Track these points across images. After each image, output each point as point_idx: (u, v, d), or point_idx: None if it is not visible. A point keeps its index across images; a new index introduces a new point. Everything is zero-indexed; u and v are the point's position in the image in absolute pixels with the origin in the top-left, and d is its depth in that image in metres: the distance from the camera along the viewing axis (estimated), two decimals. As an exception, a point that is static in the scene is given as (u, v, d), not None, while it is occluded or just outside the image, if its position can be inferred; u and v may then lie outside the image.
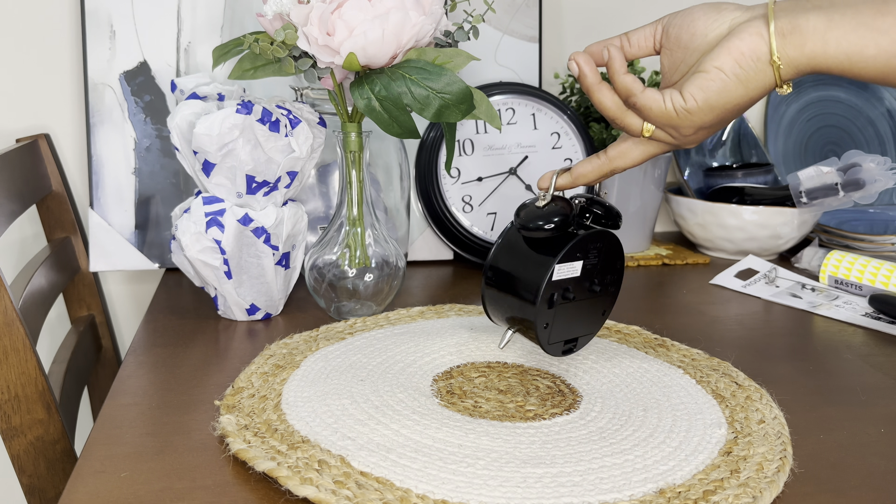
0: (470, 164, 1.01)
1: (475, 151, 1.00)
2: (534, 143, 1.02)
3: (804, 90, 1.31)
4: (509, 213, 1.02)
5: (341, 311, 0.81)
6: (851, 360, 0.74)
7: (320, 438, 0.54)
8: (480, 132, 1.01)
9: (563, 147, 1.03)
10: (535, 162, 1.02)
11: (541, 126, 1.03)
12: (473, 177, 1.00)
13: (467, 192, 1.00)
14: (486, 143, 1.01)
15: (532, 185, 1.02)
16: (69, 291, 1.06)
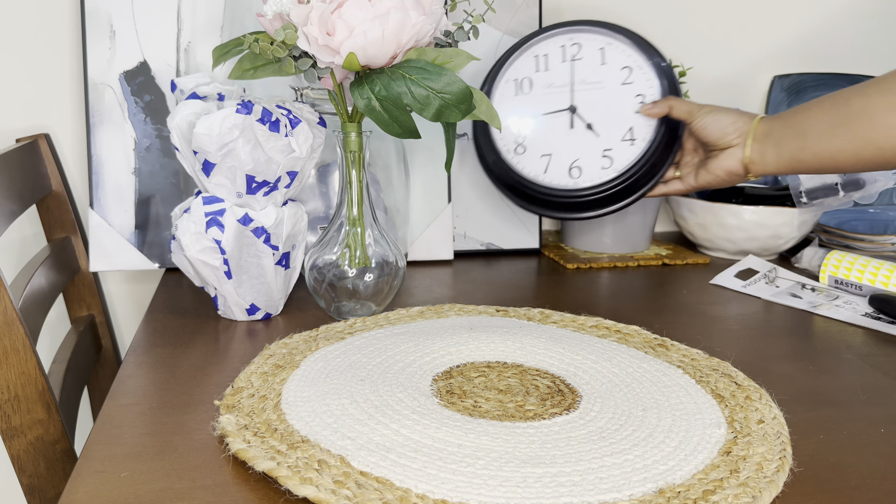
0: (526, 103, 0.95)
1: (533, 89, 0.95)
2: (600, 80, 0.95)
3: (804, 90, 1.31)
4: (568, 156, 0.95)
5: (341, 311, 0.82)
6: (851, 360, 0.74)
7: (320, 438, 0.54)
8: (541, 69, 0.95)
9: (634, 83, 0.94)
10: (601, 99, 0.94)
11: (609, 61, 0.95)
12: (528, 116, 0.95)
13: (522, 132, 0.95)
14: (545, 80, 0.96)
15: (594, 123, 0.93)
16: (69, 291, 1.06)
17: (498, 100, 0.91)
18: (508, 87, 0.90)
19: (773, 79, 1.30)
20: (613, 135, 0.87)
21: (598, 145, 0.86)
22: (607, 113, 0.90)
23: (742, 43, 1.28)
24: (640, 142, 0.88)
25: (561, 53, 0.92)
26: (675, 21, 1.24)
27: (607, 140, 0.86)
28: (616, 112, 0.91)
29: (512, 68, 0.90)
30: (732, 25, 1.27)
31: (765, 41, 1.29)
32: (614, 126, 0.89)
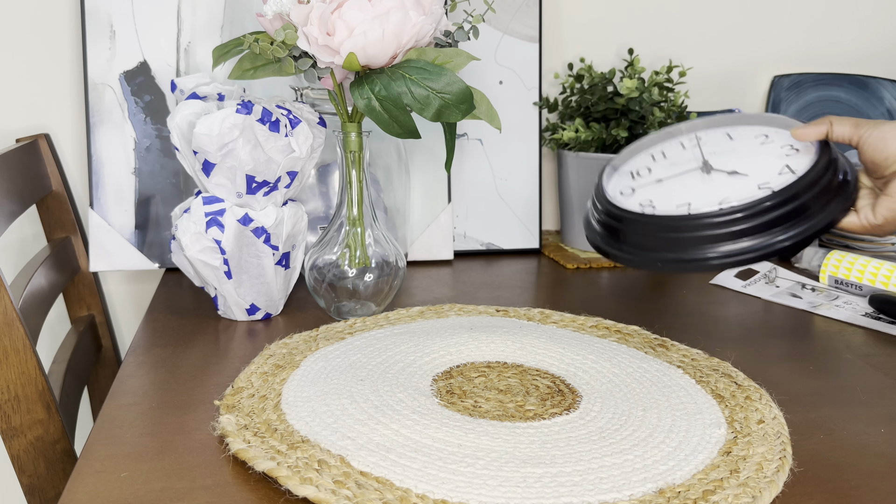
0: (645, 181, 0.77)
1: (652, 173, 0.77)
2: (734, 148, 0.79)
3: (804, 90, 1.31)
4: (710, 197, 0.74)
5: (341, 311, 0.81)
6: (851, 360, 0.74)
7: (320, 438, 0.54)
8: (658, 160, 0.80)
9: (774, 141, 0.78)
10: (739, 155, 0.78)
11: (738, 136, 0.81)
12: (650, 186, 0.76)
13: (647, 197, 0.75)
14: (667, 163, 0.78)
15: (738, 169, 0.76)
16: (69, 291, 1.06)
17: (612, 186, 0.76)
18: (623, 178, 0.77)
19: (773, 79, 1.30)
20: (766, 172, 0.71)
21: (746, 184, 0.71)
22: (752, 160, 0.74)
23: (742, 43, 1.28)
24: (798, 167, 0.71)
25: (680, 148, 0.80)
26: (675, 21, 1.24)
27: (759, 177, 0.71)
28: (762, 159, 0.74)
29: (626, 165, 0.79)
30: (733, 25, 1.27)
31: (765, 41, 1.29)
32: (764, 166, 0.72)
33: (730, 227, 0.67)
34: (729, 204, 0.68)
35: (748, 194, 0.69)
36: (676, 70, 1.18)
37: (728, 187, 0.71)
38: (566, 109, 1.13)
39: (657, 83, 1.08)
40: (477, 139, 1.10)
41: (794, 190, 0.68)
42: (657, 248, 0.70)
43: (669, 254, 0.69)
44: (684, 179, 0.74)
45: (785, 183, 0.69)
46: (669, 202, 0.71)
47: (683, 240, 0.68)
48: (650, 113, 1.05)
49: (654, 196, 0.73)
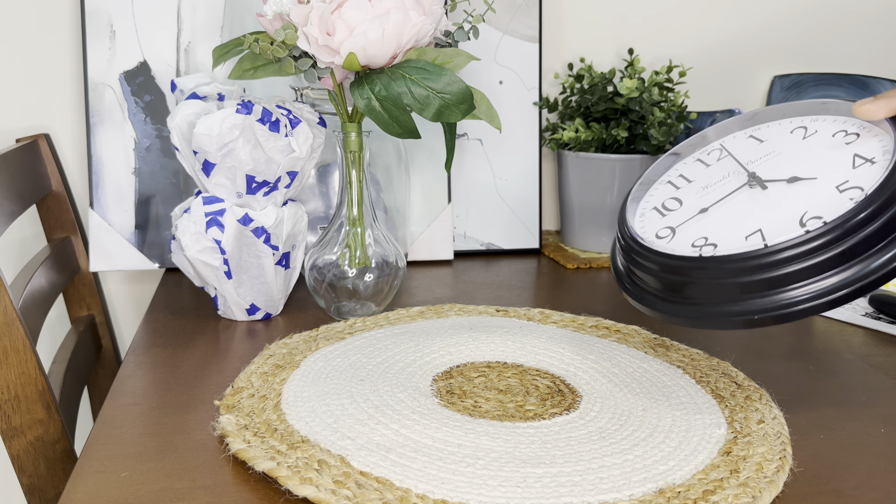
0: (682, 214, 0.62)
1: (684, 204, 0.63)
2: (773, 149, 0.64)
3: (804, 90, 1.31)
4: (788, 215, 0.57)
5: (341, 311, 0.81)
6: (851, 360, 0.74)
7: (320, 438, 0.54)
8: (683, 186, 0.65)
9: (818, 132, 0.63)
10: (787, 157, 0.62)
11: (770, 137, 0.66)
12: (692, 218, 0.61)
13: (700, 233, 0.59)
14: (696, 188, 0.65)
15: (799, 173, 0.59)
16: (69, 291, 1.06)
17: (643, 229, 0.61)
18: (650, 217, 0.62)
19: (773, 79, 1.29)
20: (836, 169, 0.56)
21: (820, 190, 0.55)
22: (807, 159, 0.59)
23: (742, 43, 1.28)
24: (889, 154, 0.54)
25: (701, 165, 0.65)
26: (675, 21, 1.24)
27: (832, 178, 0.55)
28: (819, 155, 0.59)
29: (643, 202, 0.64)
30: (733, 25, 1.27)
31: (765, 41, 1.29)
32: (828, 163, 0.57)
33: (829, 249, 0.50)
34: (817, 219, 0.51)
35: (833, 202, 0.52)
36: (676, 70, 1.18)
37: (798, 199, 0.55)
38: (566, 109, 1.13)
39: (657, 83, 1.08)
40: (477, 139, 1.10)
41: (892, 186, 0.51)
42: (737, 299, 0.53)
43: (757, 300, 0.52)
44: (733, 203, 0.58)
45: (880, 175, 0.52)
46: (733, 236, 0.55)
47: (772, 280, 0.52)
48: (650, 113, 1.05)
49: (708, 232, 0.57)
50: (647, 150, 1.05)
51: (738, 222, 0.56)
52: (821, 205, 0.53)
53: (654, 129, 1.04)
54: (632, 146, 1.07)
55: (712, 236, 0.56)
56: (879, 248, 0.51)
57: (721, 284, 0.53)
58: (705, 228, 0.57)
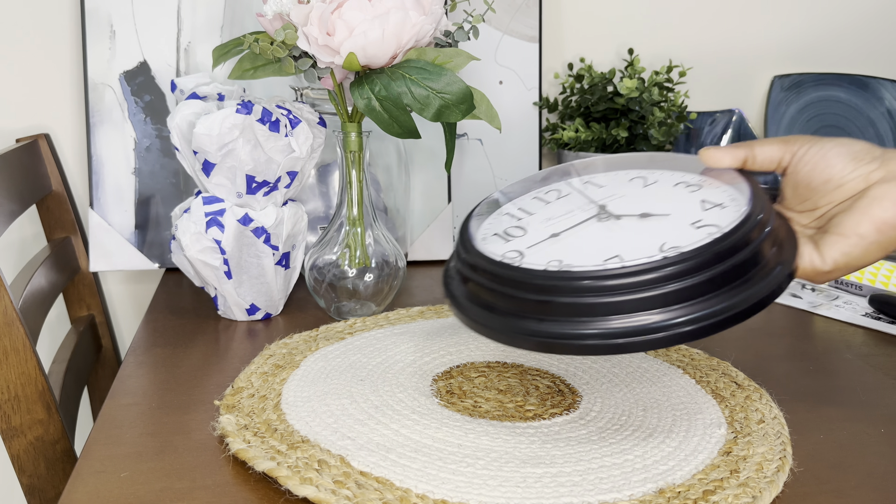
0: (529, 239, 0.58)
1: (529, 229, 0.59)
2: (616, 192, 0.62)
3: (804, 90, 1.31)
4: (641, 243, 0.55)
5: (341, 311, 0.81)
6: (851, 360, 0.74)
7: (320, 438, 0.54)
8: (524, 217, 0.62)
9: (657, 181, 0.62)
10: (636, 194, 0.61)
11: (608, 182, 0.64)
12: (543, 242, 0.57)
13: (552, 254, 0.55)
14: (541, 217, 0.61)
15: (650, 210, 0.57)
16: (69, 291, 1.06)
17: (491, 252, 0.56)
18: (493, 241, 0.58)
19: (773, 79, 1.29)
20: (688, 210, 0.55)
21: (677, 223, 0.53)
22: (655, 200, 0.58)
23: (742, 43, 1.28)
24: (737, 201, 0.54)
25: (539, 202, 0.62)
26: (675, 21, 1.24)
27: (685, 216, 0.54)
28: (666, 197, 0.58)
29: (482, 229, 0.60)
30: (733, 25, 1.27)
31: (765, 41, 1.29)
32: (677, 204, 0.56)
33: (689, 278, 0.49)
34: (677, 248, 0.50)
35: (692, 236, 0.51)
36: (676, 70, 1.18)
37: (654, 231, 0.53)
38: (566, 109, 1.13)
39: (657, 83, 1.08)
40: (477, 139, 1.10)
41: (751, 224, 0.51)
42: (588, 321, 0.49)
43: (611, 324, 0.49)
44: (586, 231, 0.56)
45: (736, 216, 0.51)
46: (590, 259, 0.51)
47: (623, 304, 0.49)
48: (650, 113, 1.05)
49: (562, 255, 0.53)
50: (647, 150, 1.05)
51: (595, 248, 0.53)
52: (679, 237, 0.51)
53: (654, 129, 1.04)
54: (632, 146, 1.07)
55: (567, 259, 0.52)
56: (736, 286, 0.50)
57: (578, 304, 0.50)
58: (558, 252, 0.54)
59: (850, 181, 0.53)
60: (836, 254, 0.53)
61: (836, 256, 0.53)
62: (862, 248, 0.53)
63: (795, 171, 0.56)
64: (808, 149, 0.55)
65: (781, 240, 0.54)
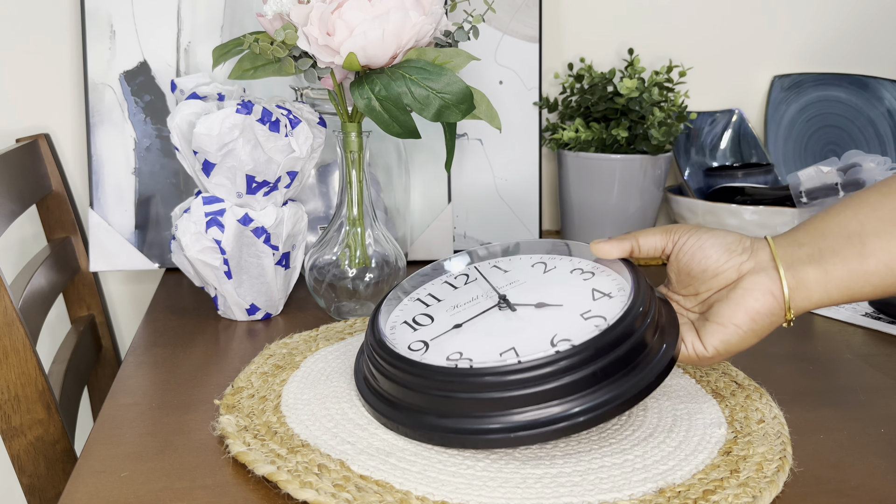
0: (437, 327, 0.61)
1: (436, 320, 0.61)
2: (516, 278, 0.65)
3: (804, 90, 1.31)
4: (538, 337, 0.57)
5: (341, 311, 0.81)
6: (851, 360, 0.74)
7: (320, 442, 0.54)
8: (431, 304, 0.64)
9: (556, 267, 0.66)
10: (532, 286, 0.64)
11: (512, 267, 0.67)
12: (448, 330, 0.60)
13: (455, 347, 0.58)
14: (445, 306, 0.64)
15: (545, 300, 0.61)
16: (69, 291, 1.06)
17: (394, 341, 0.59)
18: (401, 331, 0.61)
19: (773, 79, 1.29)
20: (579, 298, 0.59)
21: (570, 314, 0.57)
22: (553, 288, 0.62)
23: (742, 43, 1.28)
24: (624, 292, 0.58)
25: (449, 287, 0.66)
26: (675, 21, 1.24)
27: (576, 305, 0.58)
28: (561, 286, 0.62)
29: (393, 316, 0.63)
30: (733, 25, 1.27)
31: (765, 41, 1.29)
32: (570, 291, 0.61)
33: (579, 371, 0.52)
34: (566, 341, 0.53)
35: (580, 328, 0.55)
36: (676, 70, 1.18)
37: (547, 322, 0.57)
38: (566, 109, 1.13)
39: (657, 83, 1.08)
40: (477, 139, 1.10)
41: (633, 316, 0.54)
42: (492, 415, 0.52)
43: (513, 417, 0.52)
44: (486, 321, 0.59)
45: (619, 309, 0.55)
46: (488, 352, 0.55)
47: (521, 398, 0.52)
48: (650, 113, 1.05)
49: (463, 347, 0.56)
50: (647, 150, 1.05)
51: (492, 340, 0.56)
52: (570, 330, 0.55)
53: (654, 129, 1.04)
54: (632, 146, 1.07)
55: (467, 351, 0.56)
56: (624, 374, 0.54)
57: (478, 399, 0.52)
58: (460, 344, 0.57)
59: (724, 271, 0.57)
60: (715, 342, 0.57)
61: (716, 344, 0.57)
62: (739, 336, 0.57)
63: (677, 259, 0.60)
64: (686, 239, 0.59)
65: (664, 326, 0.58)
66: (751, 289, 0.56)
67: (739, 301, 0.56)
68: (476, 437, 0.52)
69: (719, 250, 0.57)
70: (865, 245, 0.54)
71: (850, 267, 0.55)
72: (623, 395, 0.53)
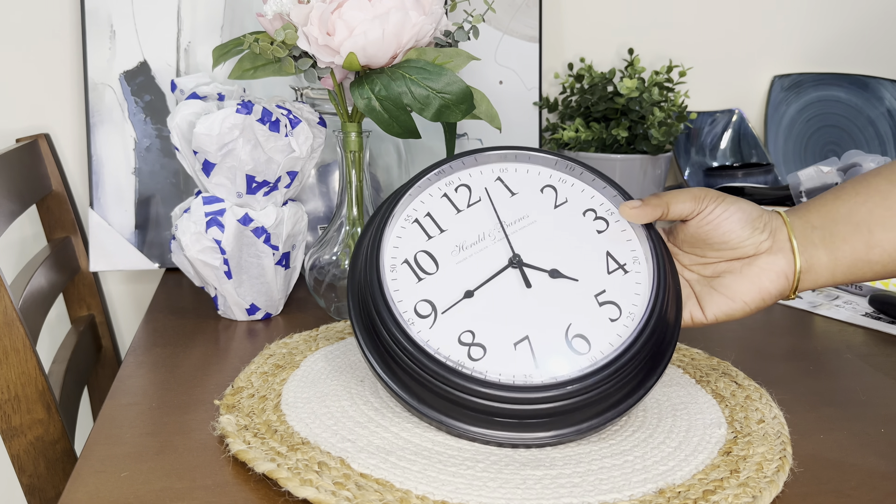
0: (442, 284, 0.57)
1: (441, 266, 0.58)
2: (525, 213, 0.60)
3: (804, 90, 1.31)
4: (553, 328, 0.56)
5: (341, 311, 0.81)
6: (851, 360, 0.74)
7: (320, 440, 0.54)
8: (434, 234, 0.59)
9: (568, 201, 0.61)
10: (543, 236, 0.60)
11: (519, 188, 0.62)
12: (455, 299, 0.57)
13: (463, 324, 0.56)
14: (446, 245, 0.59)
15: (560, 266, 0.58)
16: (69, 291, 1.06)
17: (398, 294, 0.56)
18: (402, 274, 0.57)
19: (773, 79, 1.29)
20: (595, 269, 0.57)
21: (583, 295, 0.56)
22: (565, 242, 0.59)
23: (742, 43, 1.28)
24: (639, 264, 0.58)
25: (448, 206, 0.60)
26: (675, 21, 1.24)
27: (592, 279, 0.57)
28: (575, 240, 0.59)
29: (391, 248, 0.58)
30: (733, 25, 1.27)
31: (765, 41, 1.29)
32: (587, 258, 0.58)
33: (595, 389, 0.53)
34: (581, 338, 0.53)
35: (594, 321, 0.55)
36: (676, 70, 1.18)
37: (561, 304, 0.55)
38: (566, 109, 1.13)
39: (657, 83, 1.08)
40: (477, 139, 1.10)
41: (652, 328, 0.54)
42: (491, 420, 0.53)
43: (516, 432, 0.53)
44: (499, 290, 0.56)
45: (639, 315, 0.55)
46: (501, 340, 0.54)
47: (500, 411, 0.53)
48: (650, 113, 1.05)
49: (475, 325, 0.54)
50: (647, 150, 1.05)
51: (506, 326, 0.55)
52: (584, 321, 0.55)
53: (654, 129, 1.04)
54: (632, 146, 1.07)
55: (479, 333, 0.54)
56: (637, 384, 0.55)
57: (485, 405, 0.53)
58: (471, 319, 0.55)
59: (744, 247, 0.58)
60: (718, 312, 0.59)
61: (718, 314, 0.59)
62: (744, 311, 0.59)
63: (698, 226, 0.59)
64: (713, 208, 0.59)
65: (673, 320, 0.58)
66: (767, 269, 0.58)
67: (755, 280, 0.58)
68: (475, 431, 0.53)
69: (743, 225, 0.58)
70: (873, 235, 0.56)
71: (858, 255, 0.57)
72: (631, 403, 0.55)
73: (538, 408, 0.52)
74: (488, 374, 0.53)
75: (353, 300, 0.59)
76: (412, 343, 0.53)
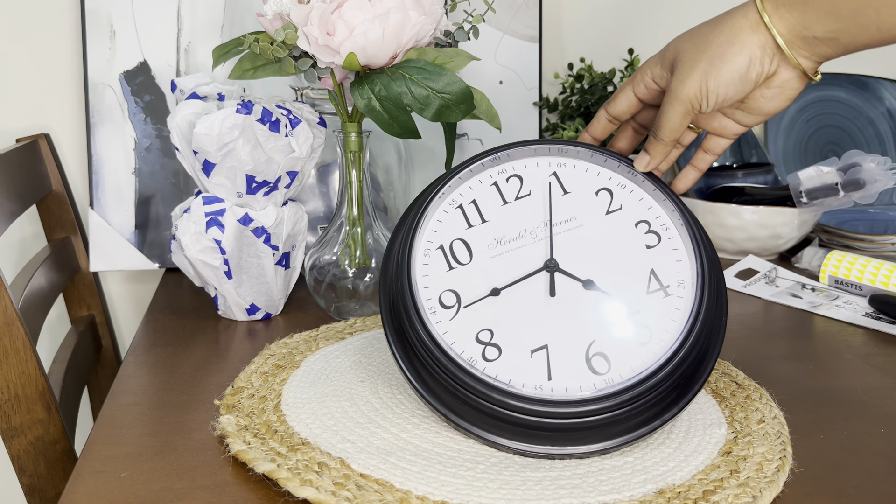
0: (470, 277, 0.56)
1: (474, 255, 0.56)
2: (573, 215, 0.58)
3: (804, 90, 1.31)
4: (575, 342, 0.54)
5: (341, 311, 0.81)
6: (851, 360, 0.74)
7: (320, 441, 0.54)
8: (475, 223, 0.58)
9: (622, 208, 0.58)
10: (587, 241, 0.57)
11: (574, 187, 0.59)
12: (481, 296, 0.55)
13: (482, 322, 0.55)
14: (486, 236, 0.58)
15: (595, 278, 0.55)
16: (69, 291, 1.06)
17: (426, 280, 0.55)
18: (435, 260, 0.55)
19: (774, 78, 1.29)
20: (634, 286, 0.54)
21: (614, 312, 0.53)
22: (609, 251, 0.56)
23: (742, 43, 1.28)
24: (683, 288, 0.54)
25: (496, 196, 0.58)
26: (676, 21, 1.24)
27: (628, 297, 0.54)
28: (621, 250, 0.56)
29: (429, 232, 0.57)
30: (732, 25, 1.27)
31: (765, 41, 1.29)
32: (628, 272, 0.55)
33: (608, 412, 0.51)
34: (601, 356, 0.51)
35: (620, 344, 0.52)
36: (676, 70, 1.17)
37: (586, 317, 0.53)
38: (566, 109, 1.13)
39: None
40: (477, 139, 1.10)
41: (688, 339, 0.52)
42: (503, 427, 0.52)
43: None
44: (526, 293, 0.54)
45: (670, 342, 0.52)
46: (518, 343, 0.52)
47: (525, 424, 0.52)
48: (650, 113, 1.04)
49: (494, 324, 0.53)
50: (647, 150, 1.05)
51: (526, 330, 0.53)
52: (607, 341, 0.52)
53: (654, 129, 1.04)
54: (632, 146, 1.07)
55: (498, 334, 0.52)
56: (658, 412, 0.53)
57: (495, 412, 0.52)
58: (493, 318, 0.53)
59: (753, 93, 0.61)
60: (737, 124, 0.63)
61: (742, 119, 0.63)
62: (757, 122, 0.64)
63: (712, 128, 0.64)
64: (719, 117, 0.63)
65: (713, 335, 0.56)
66: (785, 87, 0.61)
67: (778, 95, 0.61)
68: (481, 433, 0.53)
69: (744, 85, 0.59)
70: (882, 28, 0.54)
71: (866, 42, 0.55)
72: (642, 433, 0.53)
73: (543, 421, 0.51)
74: (499, 377, 0.51)
75: (385, 274, 0.57)
76: (427, 333, 0.52)
